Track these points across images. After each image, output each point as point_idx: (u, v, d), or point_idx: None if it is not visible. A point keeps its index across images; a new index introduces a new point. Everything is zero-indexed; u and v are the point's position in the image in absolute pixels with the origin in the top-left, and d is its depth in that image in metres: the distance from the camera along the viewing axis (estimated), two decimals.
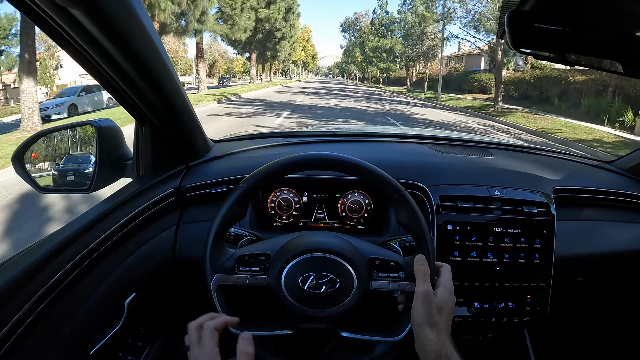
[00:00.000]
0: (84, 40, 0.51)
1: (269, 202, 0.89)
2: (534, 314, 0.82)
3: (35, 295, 0.58)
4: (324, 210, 0.90)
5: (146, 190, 0.79)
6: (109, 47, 0.52)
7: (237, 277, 0.59)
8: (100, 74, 0.60)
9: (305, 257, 0.58)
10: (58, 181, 0.89)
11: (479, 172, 0.89)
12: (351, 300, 0.58)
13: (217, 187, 0.83)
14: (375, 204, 0.89)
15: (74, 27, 0.48)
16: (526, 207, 0.80)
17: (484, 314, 0.81)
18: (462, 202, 0.80)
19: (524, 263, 0.80)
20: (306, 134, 1.15)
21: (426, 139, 1.12)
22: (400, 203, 0.61)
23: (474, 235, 0.79)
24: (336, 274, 0.58)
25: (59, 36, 0.51)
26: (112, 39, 0.51)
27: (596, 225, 0.92)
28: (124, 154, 0.86)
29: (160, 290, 0.83)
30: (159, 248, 0.79)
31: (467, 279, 0.79)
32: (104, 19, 0.47)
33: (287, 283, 0.58)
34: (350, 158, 0.62)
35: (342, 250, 0.59)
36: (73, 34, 0.50)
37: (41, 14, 0.47)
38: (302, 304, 0.58)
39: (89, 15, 0.46)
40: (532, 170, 0.93)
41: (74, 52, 0.55)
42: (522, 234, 0.80)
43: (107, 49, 0.53)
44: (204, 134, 0.92)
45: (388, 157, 0.96)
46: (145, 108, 0.70)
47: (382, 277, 0.60)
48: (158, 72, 0.62)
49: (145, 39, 0.55)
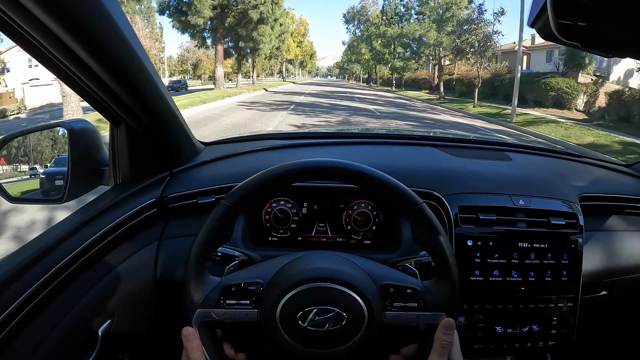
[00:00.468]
0: (34, 28, 0.42)
1: (263, 213, 0.79)
2: (559, 337, 0.74)
3: None
4: (326, 223, 0.80)
5: (124, 201, 0.70)
6: (62, 35, 0.43)
7: (224, 312, 0.50)
8: (59, 67, 0.51)
9: (304, 288, 0.49)
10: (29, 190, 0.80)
11: (500, 179, 0.80)
12: (361, 337, 0.49)
13: (204, 196, 0.74)
14: (384, 215, 0.80)
15: (19, 14, 0.39)
16: (553, 219, 0.72)
17: (506, 340, 0.73)
18: (484, 213, 0.71)
19: (551, 281, 0.72)
20: (304, 135, 1.06)
21: (438, 140, 1.03)
22: (419, 218, 0.51)
23: (497, 252, 0.70)
24: (342, 308, 0.48)
25: (13, 32, 0.42)
26: (65, 24, 0.42)
27: (622, 235, 0.85)
28: (101, 159, 0.77)
29: (140, 314, 0.74)
30: (138, 267, 0.70)
31: (489, 302, 0.70)
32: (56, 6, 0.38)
33: (283, 319, 0.49)
34: (353, 164, 0.52)
35: (349, 279, 0.49)
36: (20, 22, 0.41)
37: None
38: (302, 344, 0.49)
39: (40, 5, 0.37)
40: (554, 175, 0.86)
41: (25, 43, 0.45)
42: (549, 248, 0.72)
43: (60, 37, 0.43)
44: (191, 136, 0.82)
45: (397, 162, 0.86)
46: (117, 107, 0.60)
47: (397, 307, 0.51)
48: (126, 63, 0.52)
49: (106, 22, 0.45)
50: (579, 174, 0.92)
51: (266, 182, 0.51)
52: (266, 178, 0.51)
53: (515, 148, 1.03)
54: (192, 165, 0.81)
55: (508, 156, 0.94)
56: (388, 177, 0.52)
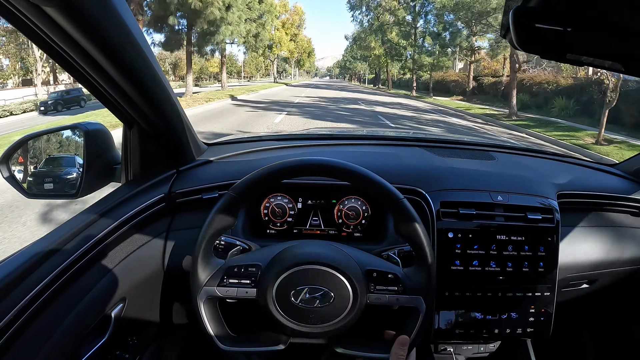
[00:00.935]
0: (61, 39, 0.48)
1: (262, 208, 0.86)
2: (538, 324, 0.79)
3: (16, 307, 0.55)
4: (319, 216, 0.87)
5: (135, 196, 0.76)
6: (87, 46, 0.49)
7: (226, 289, 0.56)
8: (82, 74, 0.57)
9: (297, 270, 0.55)
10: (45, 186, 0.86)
11: (480, 176, 0.86)
12: (347, 315, 0.55)
13: (208, 192, 0.80)
14: (373, 210, 0.86)
15: (49, 26, 0.45)
16: (530, 214, 0.78)
17: (486, 325, 0.78)
18: (464, 208, 0.77)
19: (528, 272, 0.77)
20: (301, 136, 1.12)
21: (426, 141, 1.09)
22: (400, 211, 0.58)
23: (476, 243, 0.76)
24: (330, 288, 0.55)
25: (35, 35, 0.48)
26: (90, 37, 0.48)
27: (601, 230, 0.90)
28: (113, 158, 0.83)
29: (150, 301, 0.80)
30: (147, 256, 0.76)
31: (469, 290, 0.76)
32: (78, 15, 0.45)
33: (278, 297, 0.55)
34: (344, 163, 0.59)
35: (337, 262, 0.56)
36: (49, 32, 0.47)
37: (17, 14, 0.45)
38: (294, 320, 0.55)
39: (62, 12, 0.43)
40: (535, 174, 0.91)
41: (52, 52, 0.52)
42: (526, 241, 0.77)
43: (85, 49, 0.50)
44: (196, 137, 0.89)
45: (386, 162, 0.92)
46: (131, 110, 0.67)
47: (379, 290, 0.57)
48: (142, 72, 0.59)
49: (127, 38, 0.52)
50: (559, 172, 0.96)
51: (266, 177, 0.58)
52: (266, 173, 0.57)
53: (500, 149, 1.08)
54: (197, 164, 0.87)
55: (492, 156, 1.00)
56: (374, 175, 0.59)
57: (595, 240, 0.88)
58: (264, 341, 0.58)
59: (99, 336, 0.70)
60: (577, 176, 0.98)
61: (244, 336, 0.59)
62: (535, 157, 1.07)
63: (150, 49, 0.59)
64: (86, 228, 0.68)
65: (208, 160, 0.89)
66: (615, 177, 1.01)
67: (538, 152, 1.11)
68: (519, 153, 1.08)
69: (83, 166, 0.78)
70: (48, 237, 0.67)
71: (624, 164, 1.06)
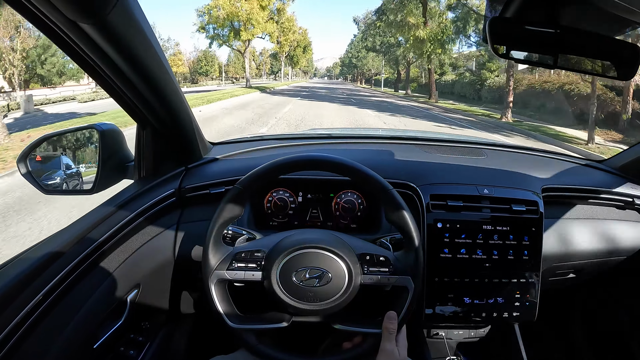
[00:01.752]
0: (92, 50, 0.54)
1: (265, 202, 0.92)
2: (523, 309, 0.84)
3: (42, 291, 0.61)
4: (318, 209, 0.93)
5: (147, 191, 0.82)
6: (115, 57, 0.55)
7: (234, 273, 0.63)
8: (105, 80, 0.63)
9: (298, 253, 0.62)
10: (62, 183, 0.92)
11: (468, 172, 0.92)
12: (343, 294, 0.62)
13: (215, 187, 0.86)
14: (367, 203, 0.92)
15: (83, 39, 0.51)
16: (514, 205, 0.83)
17: (474, 309, 0.83)
18: (452, 200, 0.82)
19: (513, 259, 0.82)
20: (302, 136, 1.18)
21: (419, 140, 1.15)
22: (388, 201, 0.64)
23: (464, 233, 0.81)
24: (328, 269, 0.61)
25: (67, 46, 0.54)
26: (118, 49, 0.54)
27: (586, 223, 0.95)
28: (125, 156, 0.89)
29: (162, 288, 0.86)
30: (159, 246, 0.82)
31: (457, 275, 0.82)
32: (110, 31, 0.50)
33: (281, 278, 0.61)
34: (341, 159, 0.65)
35: (333, 246, 0.62)
36: (82, 45, 0.53)
37: (51, 26, 0.50)
38: (296, 298, 0.61)
39: (96, 29, 0.49)
40: (521, 169, 0.96)
41: (80, 60, 0.58)
42: (511, 231, 0.82)
43: (112, 59, 0.56)
44: (203, 136, 0.95)
45: (381, 158, 0.99)
46: (147, 112, 0.73)
47: (372, 271, 0.63)
48: (159, 78, 0.65)
49: (147, 46, 0.58)
50: (546, 168, 1.01)
51: (269, 172, 0.64)
52: (269, 168, 0.64)
53: (489, 146, 1.14)
54: (205, 162, 0.93)
55: (481, 153, 1.06)
56: (368, 169, 0.65)
57: (581, 232, 0.93)
58: (269, 319, 0.64)
59: (116, 319, 0.76)
60: (563, 171, 1.02)
61: (251, 315, 0.65)
62: (524, 154, 1.12)
63: (164, 55, 0.65)
64: (105, 219, 0.74)
65: (214, 158, 0.95)
66: (601, 172, 1.05)
67: (526, 149, 1.16)
68: (508, 150, 1.14)
69: (98, 164, 0.84)
70: (68, 228, 0.73)
71: (610, 160, 1.11)
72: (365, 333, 0.64)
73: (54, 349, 0.63)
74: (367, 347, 0.64)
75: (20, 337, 0.57)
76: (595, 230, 0.94)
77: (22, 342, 0.58)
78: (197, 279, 0.86)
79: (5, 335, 0.56)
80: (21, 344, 0.58)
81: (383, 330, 0.61)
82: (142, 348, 0.85)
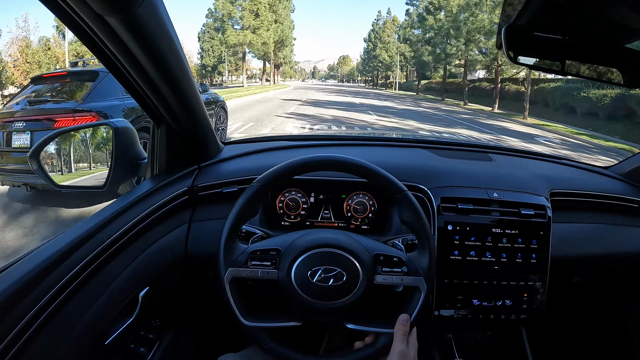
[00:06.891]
0: (115, 45, 0.54)
1: (277, 202, 0.93)
2: (531, 312, 0.85)
3: (56, 287, 0.61)
4: (330, 210, 0.94)
5: (160, 189, 0.82)
6: (137, 52, 0.56)
7: (250, 270, 0.63)
8: (124, 76, 0.64)
9: (314, 252, 0.62)
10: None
11: (478, 175, 0.93)
12: (357, 293, 0.62)
13: (228, 187, 0.87)
14: (379, 205, 0.93)
15: (107, 33, 0.52)
16: (523, 209, 0.84)
17: (482, 311, 0.84)
18: (462, 203, 0.83)
19: (521, 263, 0.83)
20: (314, 137, 1.19)
21: (429, 143, 1.16)
22: (404, 202, 0.65)
23: (473, 236, 0.82)
24: (343, 268, 0.62)
25: (90, 41, 0.55)
26: (142, 45, 0.55)
27: (592, 228, 0.96)
28: (138, 153, 0.89)
29: (172, 286, 0.87)
30: (171, 244, 0.82)
31: (466, 278, 0.83)
32: (136, 26, 0.51)
33: (297, 277, 0.62)
34: (357, 160, 0.66)
35: (348, 246, 0.63)
36: (106, 39, 0.53)
37: (76, 19, 0.51)
38: (310, 297, 0.62)
39: (123, 23, 0.49)
40: (529, 174, 0.97)
41: (102, 56, 0.58)
42: (519, 234, 0.83)
43: (135, 54, 0.57)
44: (215, 136, 0.95)
45: (392, 161, 0.99)
46: (164, 110, 0.73)
47: (386, 271, 0.64)
48: (179, 76, 0.66)
49: (169, 44, 0.59)
50: (553, 173, 1.02)
51: (286, 171, 0.65)
52: (286, 167, 0.65)
53: (498, 151, 1.15)
54: (217, 161, 0.94)
55: (490, 157, 1.07)
56: (383, 171, 0.66)
57: (588, 236, 0.94)
58: (282, 318, 0.64)
59: (127, 316, 0.76)
60: (570, 177, 1.04)
61: (264, 313, 0.65)
62: (531, 159, 1.13)
63: (184, 54, 0.65)
64: (116, 218, 0.74)
65: (226, 158, 0.96)
66: (607, 179, 1.07)
67: (533, 154, 1.17)
68: (515, 155, 1.15)
69: (111, 161, 0.84)
70: (81, 225, 0.73)
71: (616, 167, 1.12)
72: (378, 333, 0.65)
73: (65, 344, 0.63)
74: (379, 346, 0.64)
75: (33, 334, 0.58)
76: (602, 236, 0.96)
77: (34, 339, 0.58)
78: (207, 277, 0.86)
79: (18, 331, 0.56)
80: (33, 340, 0.58)
81: (396, 330, 0.62)
82: (152, 345, 0.85)
